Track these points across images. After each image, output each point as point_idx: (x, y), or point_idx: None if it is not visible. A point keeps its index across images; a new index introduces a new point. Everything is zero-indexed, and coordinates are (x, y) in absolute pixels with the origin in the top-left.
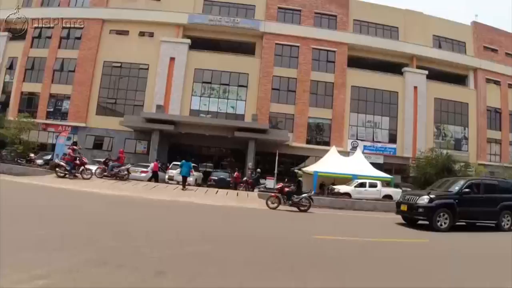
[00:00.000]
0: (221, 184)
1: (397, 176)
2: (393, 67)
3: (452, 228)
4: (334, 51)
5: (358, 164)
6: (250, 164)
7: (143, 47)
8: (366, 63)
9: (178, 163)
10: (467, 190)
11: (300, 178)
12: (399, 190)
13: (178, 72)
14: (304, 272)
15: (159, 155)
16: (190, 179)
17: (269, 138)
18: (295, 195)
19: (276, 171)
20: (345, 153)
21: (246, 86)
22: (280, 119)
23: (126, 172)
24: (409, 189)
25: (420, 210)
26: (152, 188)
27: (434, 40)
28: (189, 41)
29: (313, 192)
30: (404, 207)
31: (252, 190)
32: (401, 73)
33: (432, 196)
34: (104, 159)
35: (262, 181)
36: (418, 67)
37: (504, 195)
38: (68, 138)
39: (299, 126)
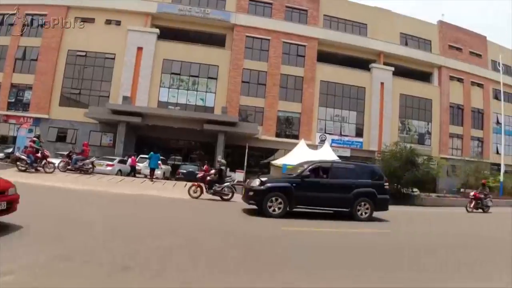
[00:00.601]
0: (190, 177)
1: None
2: (361, 63)
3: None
4: (304, 46)
5: (326, 157)
6: (219, 157)
7: (110, 36)
8: (335, 58)
9: (146, 156)
10: (308, 173)
11: (222, 167)
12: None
13: (145, 62)
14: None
15: (126, 148)
16: (158, 172)
17: (239, 131)
18: (217, 184)
19: (245, 164)
20: (313, 146)
21: (216, 78)
22: (250, 112)
23: (90, 166)
24: None
25: (250, 193)
26: (118, 182)
27: (401, 38)
28: (157, 30)
29: (235, 181)
30: (243, 191)
31: None
32: (369, 69)
33: (263, 179)
34: (67, 152)
35: (229, 173)
36: (385, 64)
37: (361, 180)
38: (30, 130)
39: (269, 119)
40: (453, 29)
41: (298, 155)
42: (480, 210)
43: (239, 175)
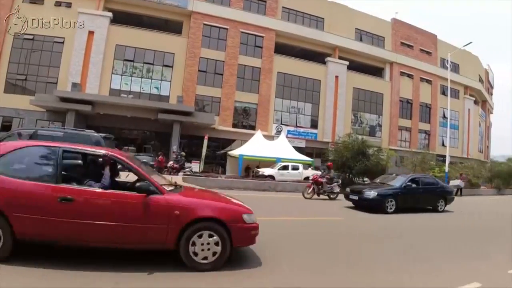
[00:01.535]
0: None
1: (317, 159)
2: (317, 56)
3: None
4: (262, 37)
5: (282, 148)
6: (174, 147)
7: (59, 19)
8: (292, 50)
9: None
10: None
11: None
12: (318, 173)
13: (97, 48)
14: None
15: None
16: None
17: (195, 121)
18: None
19: (203, 155)
20: (269, 137)
21: (172, 67)
22: (206, 102)
23: None
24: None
25: None
26: None
27: (356, 33)
28: (110, 14)
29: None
30: None
31: (177, 174)
32: (324, 63)
33: None
34: None
35: (187, 164)
36: (340, 58)
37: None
38: None
39: (226, 109)
40: (405, 27)
41: (255, 146)
42: (326, 197)
43: (195, 166)
